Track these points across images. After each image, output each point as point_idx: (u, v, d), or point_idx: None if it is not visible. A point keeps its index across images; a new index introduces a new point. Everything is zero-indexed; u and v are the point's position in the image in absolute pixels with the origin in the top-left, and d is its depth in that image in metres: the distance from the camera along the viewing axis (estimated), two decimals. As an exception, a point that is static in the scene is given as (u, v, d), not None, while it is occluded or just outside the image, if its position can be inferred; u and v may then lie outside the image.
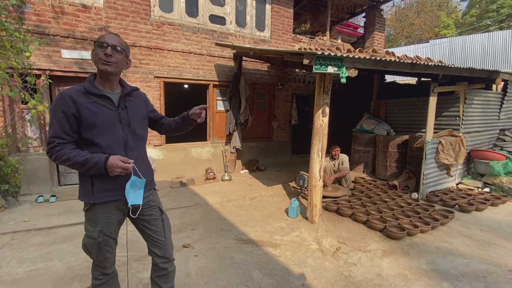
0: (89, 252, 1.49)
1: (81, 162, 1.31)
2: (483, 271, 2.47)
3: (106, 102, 1.41)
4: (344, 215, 3.67)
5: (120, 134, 1.44)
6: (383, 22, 7.96)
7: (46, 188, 4.55)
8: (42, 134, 4.53)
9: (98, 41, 1.37)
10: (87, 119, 1.35)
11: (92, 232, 1.44)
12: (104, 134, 1.39)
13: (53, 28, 4.39)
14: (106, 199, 1.42)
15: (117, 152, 1.41)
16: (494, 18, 18.47)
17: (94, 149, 1.38)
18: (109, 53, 1.36)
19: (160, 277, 1.67)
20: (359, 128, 6.26)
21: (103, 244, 1.46)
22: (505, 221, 3.56)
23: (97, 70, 1.43)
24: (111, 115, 1.41)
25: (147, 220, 1.58)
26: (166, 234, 1.64)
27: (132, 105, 1.52)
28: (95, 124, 1.36)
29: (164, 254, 1.62)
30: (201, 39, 5.61)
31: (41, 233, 3.12)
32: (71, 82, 4.70)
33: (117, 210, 1.48)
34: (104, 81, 1.44)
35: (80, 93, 1.37)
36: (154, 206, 1.62)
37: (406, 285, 2.26)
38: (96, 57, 1.38)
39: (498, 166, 4.70)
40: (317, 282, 2.29)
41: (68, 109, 1.33)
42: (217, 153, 6.10)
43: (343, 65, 3.03)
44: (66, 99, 1.33)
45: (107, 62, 1.37)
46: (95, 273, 1.56)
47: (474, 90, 4.86)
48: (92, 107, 1.37)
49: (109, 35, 1.41)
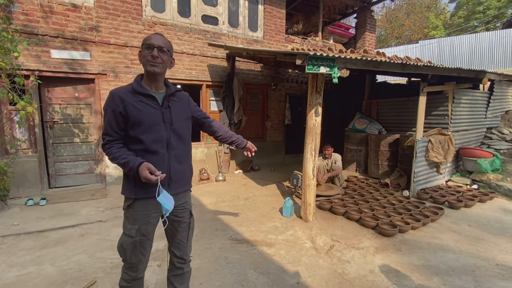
0: (124, 252, 1.51)
1: (122, 163, 1.40)
2: (472, 266, 2.54)
3: (151, 101, 1.47)
4: (337, 213, 3.72)
5: (163, 132, 1.48)
6: (373, 23, 8.08)
7: (36, 191, 4.46)
8: (31, 136, 4.44)
9: (145, 43, 1.42)
10: (134, 117, 1.41)
11: (130, 230, 1.49)
12: (148, 132, 1.44)
13: (42, 28, 4.31)
14: (147, 195, 1.46)
15: (160, 150, 1.47)
16: (480, 20, 18.96)
17: (139, 145, 1.45)
18: (156, 55, 1.42)
19: (176, 276, 1.71)
20: (351, 128, 6.34)
21: (138, 244, 1.49)
22: (492, 217, 3.66)
23: (145, 71, 1.49)
24: (155, 114, 1.46)
25: (177, 221, 1.62)
26: (189, 237, 1.69)
27: (175, 105, 1.56)
28: (141, 122, 1.42)
29: (182, 255, 1.68)
30: (194, 39, 5.59)
31: (31, 237, 3.06)
32: (61, 83, 4.62)
33: (156, 209, 1.51)
34: (150, 81, 1.50)
35: (128, 92, 1.43)
36: (186, 209, 1.66)
37: (398, 281, 2.31)
38: (143, 59, 1.44)
39: (485, 164, 4.83)
40: (311, 280, 2.32)
41: (117, 108, 1.40)
42: (211, 154, 6.09)
43: (335, 66, 3.08)
44: (115, 98, 1.41)
45: (154, 64, 1.43)
46: (125, 276, 1.57)
47: (462, 89, 4.99)
48: (139, 106, 1.43)
49: (155, 36, 1.45)
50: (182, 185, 1.61)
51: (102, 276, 2.34)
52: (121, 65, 4.95)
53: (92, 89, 4.83)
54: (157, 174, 1.36)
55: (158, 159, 1.47)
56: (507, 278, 2.36)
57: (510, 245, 2.92)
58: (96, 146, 4.95)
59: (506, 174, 4.84)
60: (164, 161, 1.49)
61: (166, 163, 1.50)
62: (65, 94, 4.70)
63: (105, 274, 2.37)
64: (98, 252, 2.73)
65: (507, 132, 5.76)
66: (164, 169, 1.48)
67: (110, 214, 3.74)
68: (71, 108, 4.76)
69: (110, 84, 4.87)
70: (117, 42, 4.87)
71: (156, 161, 1.45)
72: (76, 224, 3.40)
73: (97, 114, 4.86)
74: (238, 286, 2.22)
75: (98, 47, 4.73)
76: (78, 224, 3.39)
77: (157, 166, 1.44)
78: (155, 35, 1.45)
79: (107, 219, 3.55)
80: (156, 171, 1.36)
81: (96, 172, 5.01)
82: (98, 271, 2.41)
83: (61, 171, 4.78)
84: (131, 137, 1.45)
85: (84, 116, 4.84)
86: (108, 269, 2.44)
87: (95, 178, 5.03)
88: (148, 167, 1.35)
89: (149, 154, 1.45)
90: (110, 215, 3.70)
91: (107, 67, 4.83)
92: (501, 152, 5.38)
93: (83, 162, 4.92)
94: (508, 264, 2.56)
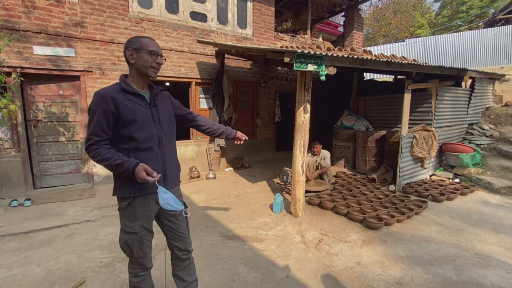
0: (130, 249, 1.53)
1: (115, 165, 1.37)
2: (453, 255, 2.66)
3: (140, 101, 1.49)
4: (326, 208, 3.80)
5: (154, 130, 1.52)
6: (361, 21, 8.21)
7: (20, 192, 4.34)
8: (14, 135, 4.31)
9: (148, 50, 1.46)
10: (126, 115, 1.42)
11: (133, 227, 1.50)
12: (141, 130, 1.47)
13: (24, 23, 4.17)
14: (146, 191, 1.49)
15: (153, 147, 1.50)
16: (464, 19, 19.54)
17: (131, 144, 1.46)
18: (161, 63, 1.51)
19: (183, 269, 1.74)
20: (339, 125, 6.45)
21: (144, 238, 1.54)
22: (473, 209, 3.83)
23: (139, 72, 1.50)
24: (145, 113, 1.50)
25: (174, 215, 1.66)
26: (188, 227, 1.75)
27: (160, 104, 1.60)
28: (135, 120, 1.44)
29: (186, 247, 1.72)
30: (182, 36, 5.54)
31: (16, 238, 2.99)
32: (45, 80, 4.49)
33: (155, 203, 1.53)
34: (139, 82, 1.53)
35: (117, 92, 1.44)
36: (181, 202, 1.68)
37: (383, 271, 2.40)
38: (146, 63, 1.47)
39: (466, 158, 5.03)
40: (300, 273, 2.38)
41: (108, 107, 1.39)
42: (201, 152, 6.07)
43: (323, 63, 3.13)
44: (105, 98, 1.39)
45: (158, 71, 1.52)
46: (135, 271, 1.61)
47: (445, 87, 5.16)
48: (129, 105, 1.45)
49: (154, 43, 1.51)
50: (175, 179, 1.67)
51: (91, 275, 2.32)
52: (107, 62, 4.85)
53: (78, 86, 4.72)
54: (154, 175, 1.37)
55: (151, 156, 1.50)
56: (485, 266, 2.49)
57: (488, 235, 3.07)
58: (83, 145, 4.84)
59: (486, 168, 5.05)
60: (157, 158, 1.53)
61: (160, 159, 1.54)
62: (49, 92, 4.57)
63: (94, 273, 2.35)
64: (87, 252, 2.70)
65: (487, 128, 6.01)
66: (158, 165, 1.52)
67: (98, 213, 3.68)
68: (56, 106, 4.64)
69: (96, 81, 4.77)
70: (103, 39, 4.76)
71: (149, 158, 1.49)
72: (63, 224, 3.33)
73: (83, 112, 4.75)
74: (229, 281, 2.25)
75: (83, 43, 4.62)
76: (65, 224, 3.33)
77: (151, 162, 1.47)
78: (153, 42, 1.50)
79: (96, 219, 3.50)
80: (153, 172, 1.38)
81: (83, 172, 4.92)
82: (87, 271, 2.39)
83: (46, 170, 4.66)
84: (123, 136, 1.45)
85: (69, 115, 4.73)
86: (97, 269, 2.42)
87: (82, 177, 4.93)
88: (144, 168, 1.36)
89: (142, 152, 1.47)
90: (99, 214, 3.65)
91: (93, 64, 4.72)
92: (482, 147, 5.61)
93: (69, 161, 4.82)
94: (487, 253, 2.70)
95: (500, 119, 6.18)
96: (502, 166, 4.98)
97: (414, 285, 2.22)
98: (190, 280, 1.76)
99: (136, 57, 1.47)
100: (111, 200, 4.17)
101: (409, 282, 2.25)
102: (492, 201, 4.14)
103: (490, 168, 5.03)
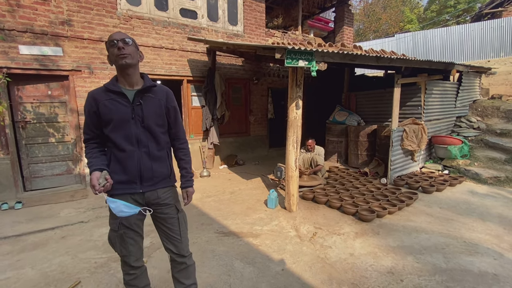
0: (113, 245, 1.56)
1: (89, 171, 1.45)
2: (442, 244, 2.75)
3: (120, 99, 1.47)
4: (319, 203, 3.86)
5: (133, 130, 1.48)
6: (351, 17, 8.26)
7: (10, 195, 4.25)
8: (2, 137, 4.21)
9: (108, 42, 1.44)
10: (104, 115, 1.45)
11: (113, 225, 1.53)
12: (118, 130, 1.46)
13: (9, 22, 4.06)
14: (121, 191, 1.50)
15: (130, 147, 1.48)
16: (451, 13, 19.86)
17: (110, 144, 1.50)
18: (121, 46, 1.41)
19: (180, 272, 1.72)
20: (332, 120, 6.52)
21: (124, 236, 1.52)
22: (461, 199, 3.95)
23: (117, 68, 1.48)
24: (124, 112, 1.46)
25: (164, 219, 1.63)
26: (182, 232, 1.68)
27: (148, 101, 1.52)
28: (110, 120, 1.45)
29: (179, 251, 1.68)
30: (173, 33, 5.48)
31: (8, 241, 2.94)
32: (32, 80, 4.40)
33: (135, 202, 1.52)
34: (124, 78, 1.49)
35: (101, 92, 1.47)
36: (171, 205, 1.64)
37: (376, 262, 2.47)
38: (112, 57, 1.44)
39: (455, 150, 5.16)
40: (295, 266, 2.42)
41: (91, 108, 1.46)
42: (195, 150, 6.06)
43: (313, 59, 3.15)
44: (89, 99, 1.48)
45: (123, 55, 1.42)
46: (124, 268, 1.62)
47: (434, 81, 5.27)
48: (108, 104, 1.45)
49: (115, 33, 1.46)
50: (156, 182, 1.56)
51: (87, 276, 2.32)
52: (96, 61, 4.77)
53: (67, 86, 4.63)
54: (96, 188, 1.37)
55: (127, 156, 1.48)
56: (473, 253, 2.58)
57: (476, 224, 3.18)
58: (74, 146, 4.78)
59: (474, 159, 5.20)
60: (134, 158, 1.49)
61: (136, 160, 1.49)
62: (37, 92, 4.47)
63: (89, 274, 2.35)
64: (81, 253, 2.69)
65: (474, 120, 6.17)
66: (134, 166, 1.49)
67: (92, 214, 3.65)
68: (44, 106, 4.55)
69: (85, 81, 4.69)
70: (91, 37, 4.68)
71: (125, 158, 1.48)
72: (56, 226, 3.30)
73: (73, 112, 4.68)
74: (225, 277, 2.28)
75: (71, 42, 4.53)
76: (58, 226, 3.29)
77: (127, 163, 1.48)
78: (114, 33, 1.47)
79: (89, 220, 3.48)
80: (96, 185, 1.36)
81: (75, 173, 4.85)
82: (83, 271, 2.38)
83: (36, 173, 4.58)
84: (104, 136, 1.50)
85: (59, 115, 4.64)
86: (92, 269, 2.41)
87: (74, 178, 4.86)
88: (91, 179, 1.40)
89: (118, 151, 1.48)
90: (92, 215, 3.62)
91: (81, 63, 4.64)
92: (469, 139, 5.77)
93: (60, 162, 4.74)
94: (474, 241, 2.79)
95: (487, 111, 6.34)
96: (489, 157, 5.14)
97: (405, 273, 2.29)
98: (188, 283, 1.73)
99: (108, 55, 1.47)
100: (104, 201, 4.13)
101: (400, 271, 2.32)
102: (479, 191, 4.27)
103: (477, 159, 5.18)
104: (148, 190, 1.54)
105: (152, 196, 1.56)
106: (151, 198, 1.56)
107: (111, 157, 1.50)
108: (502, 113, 6.14)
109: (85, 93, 4.69)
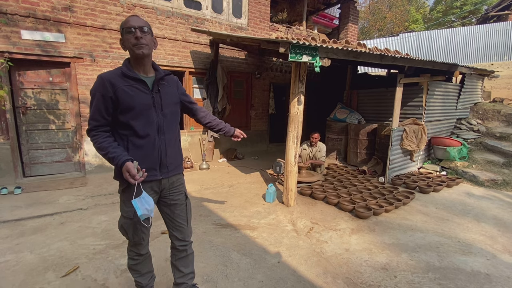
0: (126, 233, 1.57)
1: (109, 158, 1.38)
2: (436, 243, 2.79)
3: (141, 86, 1.45)
4: (317, 198, 3.89)
5: (154, 117, 1.48)
6: (356, 14, 8.20)
7: (10, 180, 4.27)
8: (2, 122, 4.21)
9: (125, 28, 1.39)
10: (124, 102, 1.39)
11: (128, 212, 1.51)
12: (139, 117, 1.43)
13: (11, 6, 4.02)
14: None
15: (151, 134, 1.47)
16: (457, 14, 19.71)
17: (129, 131, 1.44)
18: (139, 36, 1.38)
19: (180, 260, 1.75)
20: (332, 117, 6.52)
21: (138, 224, 1.53)
22: (457, 200, 3.98)
23: (131, 55, 1.45)
24: (145, 99, 1.45)
25: (173, 205, 1.65)
26: (188, 218, 1.73)
27: (164, 89, 1.54)
28: (132, 107, 1.41)
29: (184, 237, 1.71)
30: (176, 24, 5.44)
31: (7, 226, 2.97)
32: (34, 66, 4.37)
33: (151, 191, 1.53)
34: (138, 65, 1.47)
35: (117, 76, 1.40)
36: (181, 192, 1.68)
37: (370, 258, 2.50)
38: (128, 44, 1.39)
39: (454, 152, 5.18)
40: (291, 259, 2.45)
41: (107, 92, 1.37)
42: (194, 142, 6.06)
43: (317, 55, 3.14)
44: (105, 83, 1.37)
45: (141, 45, 1.39)
46: (131, 253, 1.65)
47: (436, 82, 5.26)
48: (129, 90, 1.41)
49: (132, 18, 1.41)
50: (173, 168, 1.61)
51: (85, 261, 2.35)
52: (98, 48, 4.74)
53: (68, 73, 4.61)
54: (136, 178, 1.33)
55: (148, 143, 1.48)
56: (467, 253, 2.62)
57: (471, 225, 3.21)
58: (74, 134, 4.78)
59: (472, 162, 5.23)
60: (155, 145, 1.50)
61: (157, 147, 1.51)
62: (38, 78, 4.46)
63: (87, 259, 2.38)
64: (80, 239, 2.71)
65: (474, 123, 6.18)
66: (155, 153, 1.50)
67: (91, 202, 3.68)
68: (45, 93, 4.53)
69: (87, 68, 4.67)
70: (94, 24, 4.64)
71: (146, 145, 1.47)
72: (55, 212, 3.32)
73: (74, 100, 4.66)
74: (222, 267, 2.31)
75: (73, 28, 4.49)
76: (57, 212, 3.31)
77: (148, 150, 1.47)
78: (131, 17, 1.41)
79: (88, 207, 3.50)
80: (136, 175, 1.32)
81: (75, 160, 4.86)
82: (81, 257, 2.41)
83: (36, 159, 4.59)
84: (121, 122, 1.43)
85: (59, 102, 4.63)
86: (90, 255, 2.44)
87: (73, 166, 4.88)
88: (127, 169, 1.32)
89: (139, 139, 1.45)
90: (91, 203, 3.64)
91: (83, 50, 4.61)
92: (469, 141, 5.78)
93: (60, 150, 4.75)
94: (468, 241, 2.83)
95: (488, 114, 6.35)
96: (487, 160, 5.16)
97: (399, 270, 2.33)
98: (186, 272, 1.76)
99: (123, 41, 1.43)
100: (104, 189, 4.16)
101: (394, 268, 2.36)
102: (476, 193, 4.30)
103: (475, 162, 5.21)
104: (165, 177, 1.57)
105: (167, 183, 1.59)
106: (166, 185, 1.59)
107: (129, 145, 1.45)
108: (502, 117, 6.15)
109: (86, 81, 4.67)
